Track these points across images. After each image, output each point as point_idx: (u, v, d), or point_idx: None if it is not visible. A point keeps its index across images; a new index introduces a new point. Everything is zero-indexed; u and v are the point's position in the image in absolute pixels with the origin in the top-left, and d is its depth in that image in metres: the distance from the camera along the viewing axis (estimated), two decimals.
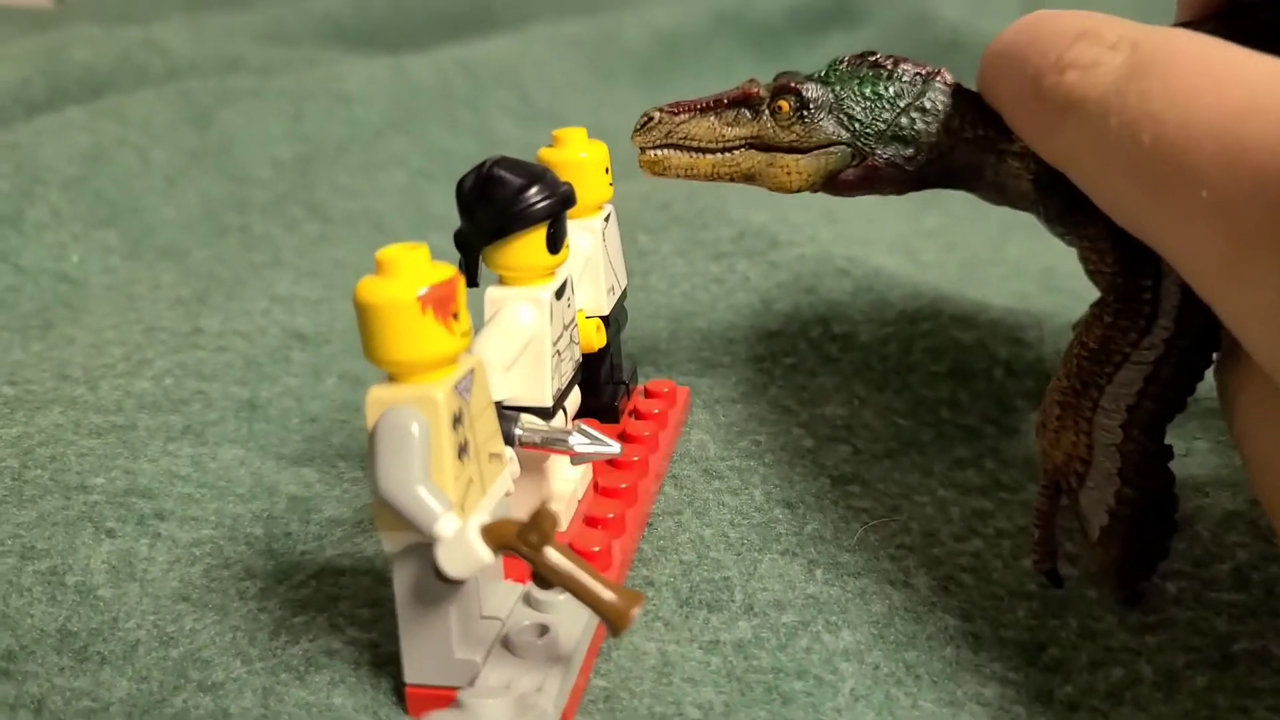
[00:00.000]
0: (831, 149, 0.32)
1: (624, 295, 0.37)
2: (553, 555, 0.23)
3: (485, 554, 0.23)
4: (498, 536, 0.23)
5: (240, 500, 0.35)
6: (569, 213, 0.31)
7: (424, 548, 0.24)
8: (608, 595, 0.23)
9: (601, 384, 0.36)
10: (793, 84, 0.32)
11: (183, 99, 0.65)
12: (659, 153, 0.33)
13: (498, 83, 0.77)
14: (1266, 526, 0.32)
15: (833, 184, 0.32)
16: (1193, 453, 0.36)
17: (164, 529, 0.33)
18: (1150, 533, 0.28)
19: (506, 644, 0.26)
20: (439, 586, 0.24)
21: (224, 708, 0.26)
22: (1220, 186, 0.21)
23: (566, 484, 0.31)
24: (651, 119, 0.33)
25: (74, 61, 0.73)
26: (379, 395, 0.24)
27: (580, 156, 0.34)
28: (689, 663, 0.28)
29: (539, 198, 0.29)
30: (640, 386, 0.39)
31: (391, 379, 0.24)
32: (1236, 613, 0.28)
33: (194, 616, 0.29)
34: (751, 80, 0.32)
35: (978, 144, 0.31)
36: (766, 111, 0.32)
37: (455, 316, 0.24)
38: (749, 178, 0.33)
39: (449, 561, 0.23)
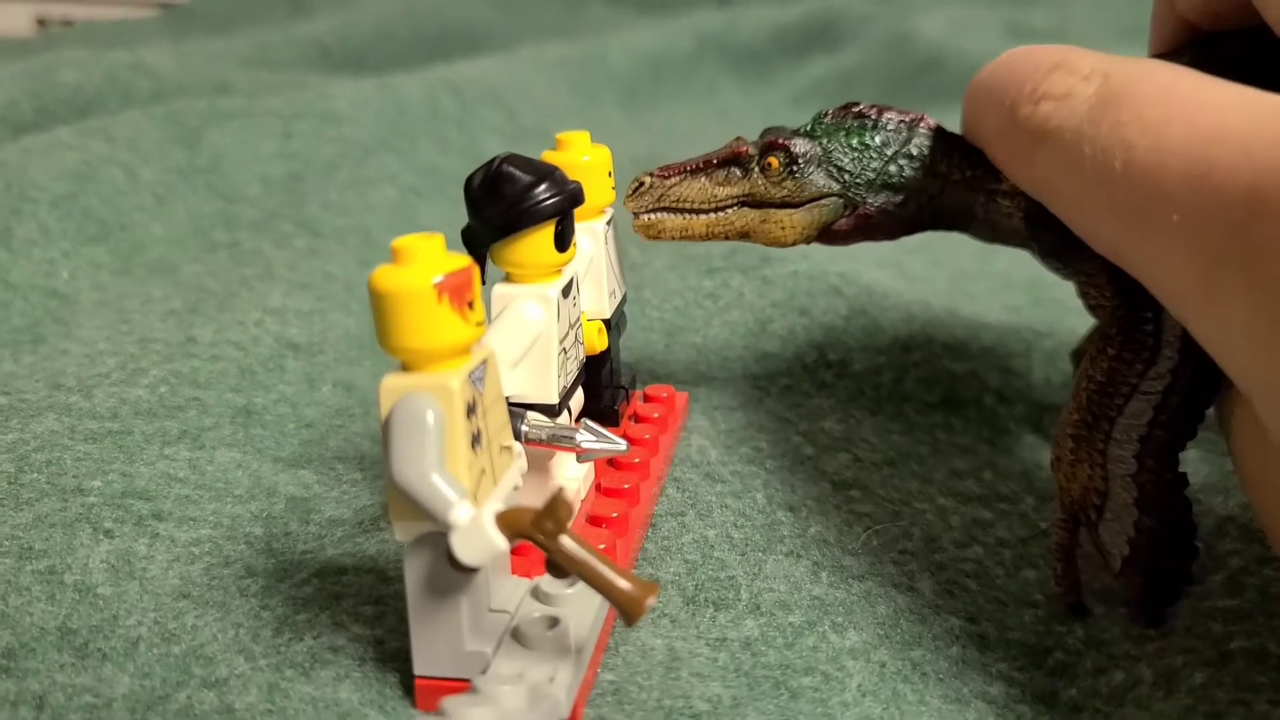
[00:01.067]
0: (823, 201, 0.32)
1: (624, 300, 0.38)
2: (568, 543, 0.23)
3: (500, 541, 0.23)
4: (513, 524, 0.23)
5: (239, 501, 0.34)
6: None
7: (436, 537, 0.24)
8: (623, 584, 0.23)
9: (602, 388, 0.36)
10: (780, 140, 0.32)
11: (171, 119, 0.65)
12: (652, 217, 0.33)
13: (485, 102, 0.78)
14: (1258, 529, 0.32)
15: (827, 235, 0.33)
16: (1183, 463, 0.36)
17: (162, 529, 0.32)
18: (1172, 559, 0.29)
19: (516, 636, 0.26)
20: (450, 577, 0.24)
21: (229, 704, 0.26)
22: (1190, 209, 0.22)
23: (570, 483, 0.31)
24: (642, 184, 0.33)
25: (60, 83, 0.73)
26: (393, 383, 0.23)
27: (583, 160, 0.34)
28: (697, 658, 0.28)
29: (547, 195, 0.29)
30: (639, 392, 0.39)
31: (405, 368, 0.24)
32: (1232, 616, 0.29)
33: (195, 614, 0.29)
34: (739, 139, 0.33)
35: (966, 185, 0.31)
36: (756, 169, 0.32)
37: (470, 305, 0.24)
38: (744, 235, 0.33)
39: (464, 549, 0.23)
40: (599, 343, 0.34)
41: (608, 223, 0.36)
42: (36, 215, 0.54)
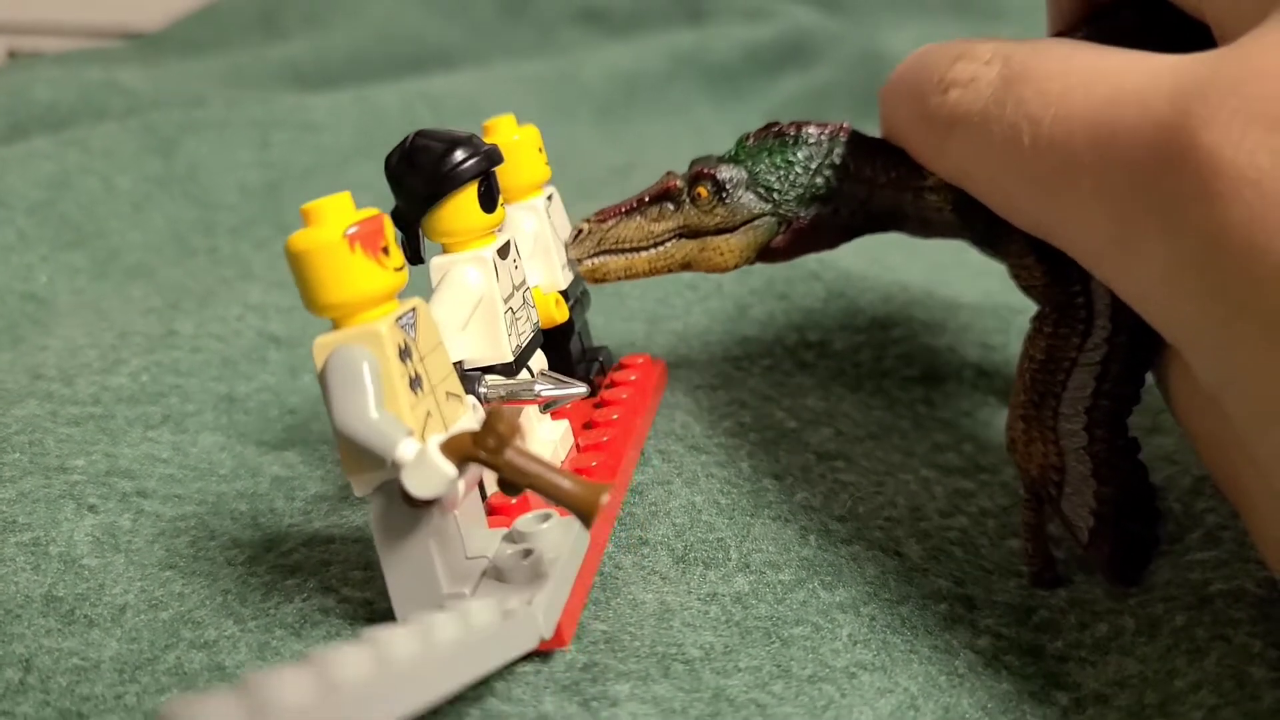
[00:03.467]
0: (756, 222, 0.33)
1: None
2: (513, 456, 0.23)
3: (449, 469, 0.23)
4: (457, 448, 0.23)
5: (223, 480, 0.34)
6: (510, 196, 0.32)
7: (394, 484, 0.24)
8: (572, 487, 0.23)
9: (574, 361, 0.36)
10: (705, 170, 0.33)
11: (147, 130, 0.65)
12: (595, 261, 0.33)
13: (461, 114, 0.78)
14: None
15: (767, 254, 0.33)
16: (1160, 426, 0.37)
17: (147, 505, 0.32)
18: (1136, 525, 0.29)
19: (495, 575, 0.26)
20: (415, 519, 0.24)
21: (219, 662, 0.26)
22: (1098, 171, 0.23)
23: (545, 446, 0.31)
24: (581, 230, 0.33)
25: (35, 100, 0.73)
26: (324, 340, 0.24)
27: (513, 139, 0.34)
28: (688, 611, 0.28)
29: (465, 157, 0.29)
30: (616, 364, 0.39)
31: (335, 326, 0.24)
32: (1210, 565, 0.29)
33: (182, 582, 0.29)
34: (669, 174, 0.33)
35: (893, 186, 0.32)
36: (687, 200, 0.33)
37: (385, 251, 0.24)
38: (686, 266, 0.33)
39: (415, 482, 0.23)
40: (559, 314, 0.34)
41: (549, 199, 0.36)
42: (14, 221, 0.54)
